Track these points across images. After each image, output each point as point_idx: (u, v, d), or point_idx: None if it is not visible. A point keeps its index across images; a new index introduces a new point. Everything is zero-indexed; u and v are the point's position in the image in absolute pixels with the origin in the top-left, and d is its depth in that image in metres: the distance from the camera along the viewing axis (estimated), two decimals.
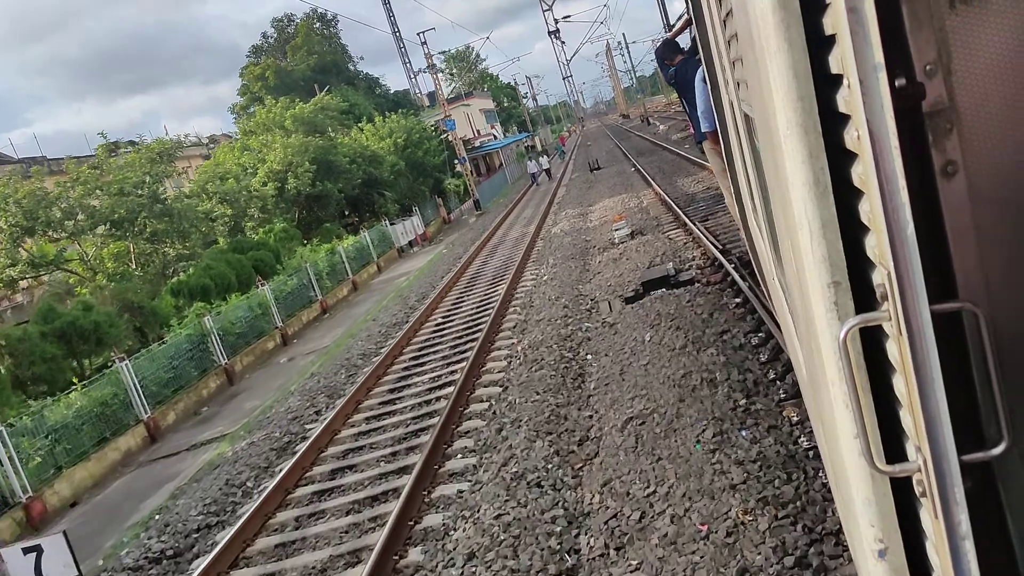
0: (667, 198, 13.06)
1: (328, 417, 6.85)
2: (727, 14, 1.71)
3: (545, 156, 32.46)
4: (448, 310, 10.24)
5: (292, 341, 12.89)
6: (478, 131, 58.59)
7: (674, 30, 6.90)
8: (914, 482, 0.96)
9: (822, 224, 0.97)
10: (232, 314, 11.56)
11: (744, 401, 4.31)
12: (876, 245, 0.90)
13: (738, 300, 6.15)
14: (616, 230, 11.12)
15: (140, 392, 9.02)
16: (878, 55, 0.83)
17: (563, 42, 30.99)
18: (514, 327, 7.97)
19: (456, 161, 26.72)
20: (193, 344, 10.44)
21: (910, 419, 0.93)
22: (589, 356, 6.37)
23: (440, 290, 11.53)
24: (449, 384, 6.81)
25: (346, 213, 22.88)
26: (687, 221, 10.11)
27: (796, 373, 2.38)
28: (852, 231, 0.97)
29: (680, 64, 6.61)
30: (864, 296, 0.98)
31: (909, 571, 1.04)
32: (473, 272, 12.91)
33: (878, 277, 0.92)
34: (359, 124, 26.77)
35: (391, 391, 7.32)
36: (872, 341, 1.00)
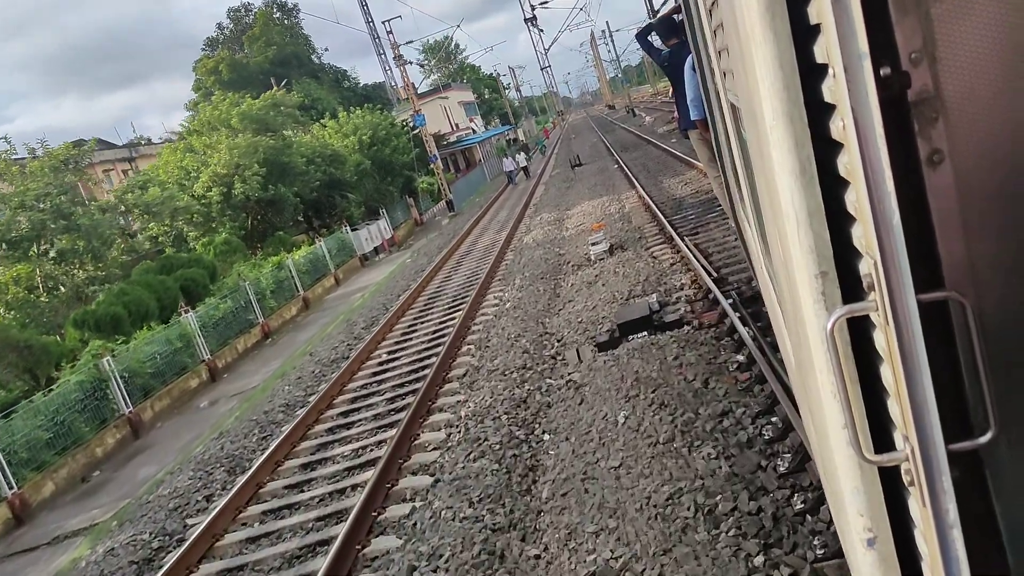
0: (652, 203, 12.29)
1: (218, 506, 5.90)
2: (712, 3, 1.75)
3: (523, 152, 30.43)
4: (394, 344, 9.48)
5: (222, 376, 11.83)
6: (456, 124, 56.38)
7: (667, 10, 6.57)
8: (902, 471, 1.00)
9: (808, 214, 0.99)
10: (142, 351, 10.38)
11: (760, 559, 3.21)
12: (863, 235, 0.93)
13: (740, 358, 5.12)
14: (593, 244, 10.19)
15: (1, 463, 7.71)
16: (863, 44, 0.86)
17: (541, 30, 29.00)
18: (463, 376, 7.25)
19: (429, 159, 24.74)
20: (87, 392, 9.21)
21: (897, 409, 0.96)
22: (546, 436, 5.39)
23: (392, 314, 10.86)
24: (370, 465, 5.98)
25: (306, 218, 20.97)
26: (674, 235, 9.31)
27: (784, 362, 2.50)
28: (839, 221, 1.00)
29: (675, 47, 6.41)
30: (851, 285, 1.00)
31: (898, 559, 1.07)
32: (433, 290, 12.32)
33: (865, 267, 0.95)
34: (321, 120, 24.73)
35: (304, 467, 6.51)
36: (859, 331, 1.02)
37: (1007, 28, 0.86)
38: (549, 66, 30.18)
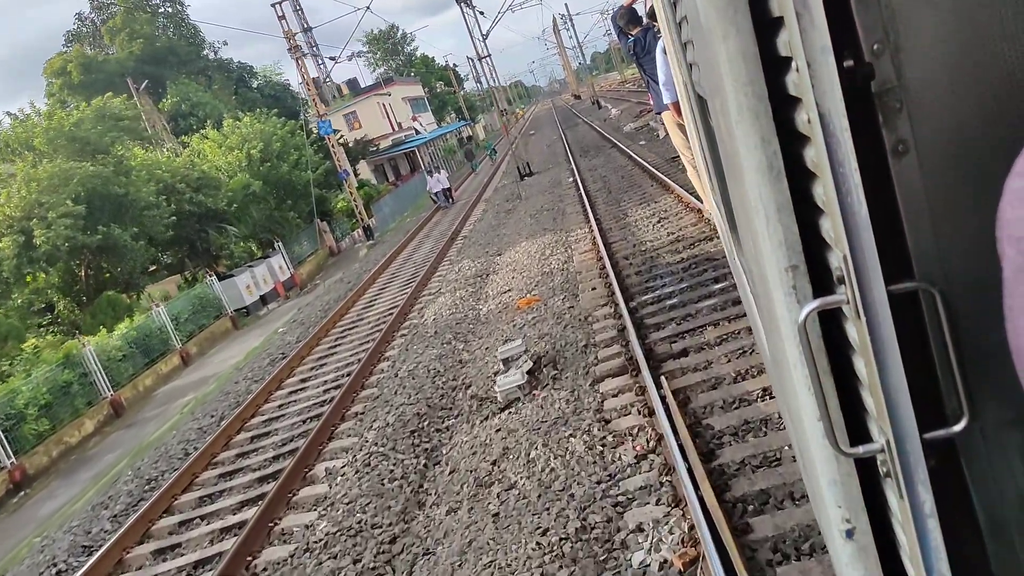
0: (609, 262, 9.01)
1: None
2: None
3: (443, 171, 25.93)
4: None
5: None
6: (399, 124, 51.06)
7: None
8: (878, 462, 1.07)
9: (777, 208, 1.05)
10: None
11: None
12: (831, 227, 1.00)
13: None
14: (506, 359, 6.57)
15: None
16: (825, 37, 0.91)
17: (481, 12, 24.45)
18: None
19: (338, 177, 20.12)
20: None
21: (872, 400, 1.03)
22: None
23: (180, 474, 7.51)
24: None
25: (178, 260, 16.08)
26: (639, 354, 5.70)
27: (760, 354, 2.70)
28: (808, 214, 1.07)
29: (640, 34, 6.78)
30: (823, 278, 1.07)
31: (877, 550, 1.14)
32: (263, 422, 8.82)
33: (835, 260, 1.02)
34: (202, 131, 19.76)
35: None
36: (832, 322, 1.10)
37: (967, 15, 0.92)
38: (488, 55, 25.19)
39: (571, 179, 19.54)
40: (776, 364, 1.41)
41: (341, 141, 33.75)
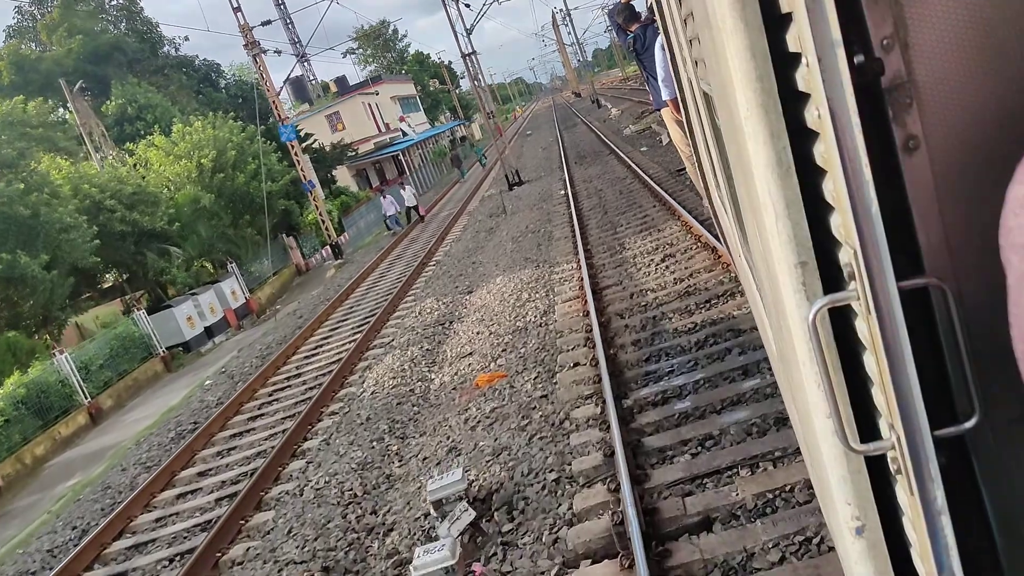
0: (596, 321, 7.33)
1: None
2: None
3: (409, 186, 23.78)
4: None
5: None
6: (386, 125, 48.96)
7: None
8: (888, 459, 1.08)
9: (786, 205, 1.07)
10: None
11: None
12: (841, 224, 1.02)
13: None
14: (437, 501, 4.73)
15: None
16: (835, 32, 0.93)
17: (467, 5, 22.45)
18: None
19: (303, 187, 18.04)
20: None
21: (882, 397, 1.05)
22: None
23: None
24: None
25: (117, 285, 14.11)
26: (630, 501, 4.17)
27: (766, 350, 2.67)
28: (818, 210, 1.09)
29: (639, 30, 6.70)
30: (832, 275, 1.10)
31: (887, 547, 1.15)
32: (124, 550, 6.93)
33: (845, 256, 1.05)
34: (150, 137, 17.65)
35: None
36: (842, 319, 1.12)
37: (977, 11, 0.95)
38: (473, 52, 23.07)
39: (563, 192, 18.35)
40: (785, 361, 1.45)
41: (317, 145, 31.66)
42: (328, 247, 22.64)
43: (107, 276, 18.50)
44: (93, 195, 16.50)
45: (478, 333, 9.07)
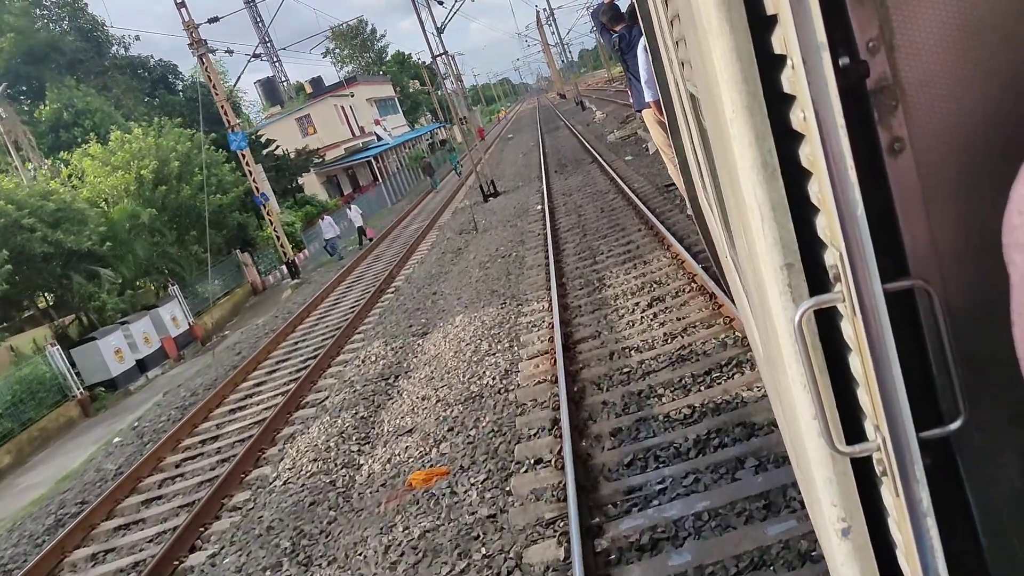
0: (565, 396, 6.00)
1: None
2: None
3: (355, 206, 22.24)
4: None
5: None
6: (361, 128, 47.29)
7: None
8: (874, 461, 1.10)
9: (772, 207, 1.08)
10: None
11: None
12: (827, 226, 1.04)
13: None
14: None
15: None
16: (820, 34, 0.94)
17: (440, 2, 20.80)
18: None
19: (255, 200, 16.41)
20: None
21: (868, 399, 1.06)
22: None
23: None
24: None
25: (42, 310, 12.66)
26: None
27: (753, 351, 2.78)
28: (804, 212, 1.12)
29: (624, 30, 6.68)
30: (818, 277, 1.12)
31: (873, 548, 1.16)
32: None
33: (830, 258, 1.06)
34: (85, 146, 16.01)
35: None
36: (828, 321, 1.14)
37: (963, 13, 0.97)
38: (444, 52, 21.53)
39: (540, 207, 17.32)
40: (771, 363, 1.46)
41: (280, 151, 29.97)
42: (284, 266, 20.97)
43: (38, 299, 16.86)
44: (9, 213, 14.81)
45: (424, 399, 7.55)
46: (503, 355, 8.37)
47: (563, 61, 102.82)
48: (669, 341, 6.88)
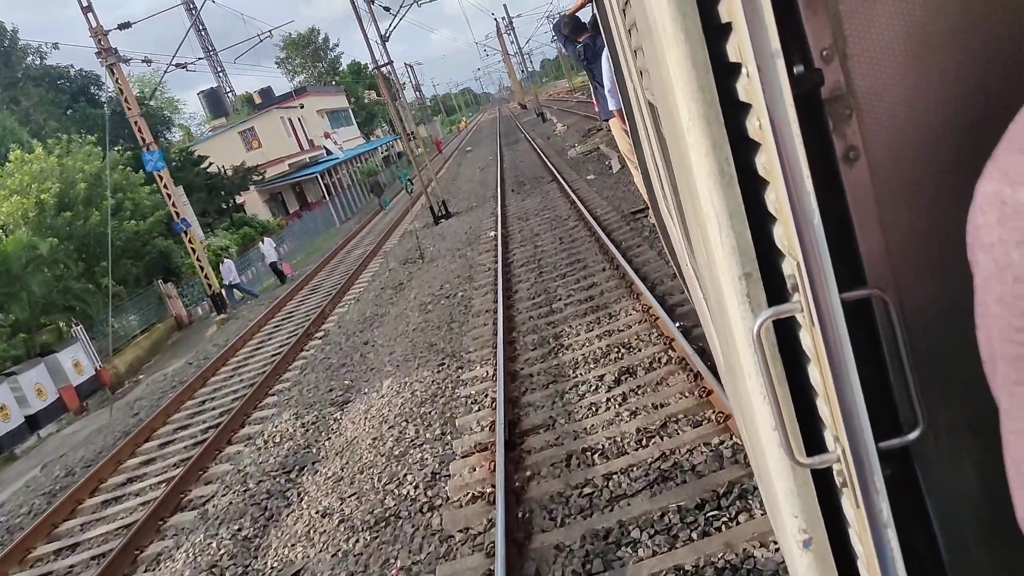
0: (504, 512, 4.66)
1: None
2: (626, 3, 1.88)
3: (268, 240, 20.47)
4: None
5: None
6: (311, 142, 45.29)
7: (573, 7, 7.04)
8: (834, 472, 1.11)
9: (730, 215, 1.08)
10: None
11: None
12: (784, 235, 1.05)
13: None
14: None
15: None
16: (774, 42, 0.94)
17: (386, 8, 19.12)
18: None
19: (174, 224, 14.43)
20: None
21: (827, 409, 1.06)
22: None
23: None
24: None
25: None
26: None
27: (715, 361, 2.65)
28: (762, 221, 1.13)
29: (587, 39, 6.76)
30: (778, 286, 1.13)
31: (835, 559, 1.16)
32: None
33: (788, 268, 1.07)
34: None
35: None
36: (788, 331, 1.15)
37: (916, 22, 0.98)
38: (390, 62, 19.88)
39: (493, 233, 16.06)
40: (731, 372, 1.48)
41: (215, 168, 27.94)
42: (209, 300, 19.01)
43: None
44: None
45: (325, 515, 5.96)
46: (432, 447, 6.83)
47: (523, 71, 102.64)
48: (644, 443, 5.44)
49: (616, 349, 7.04)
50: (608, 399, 6.13)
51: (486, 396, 7.19)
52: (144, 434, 10.82)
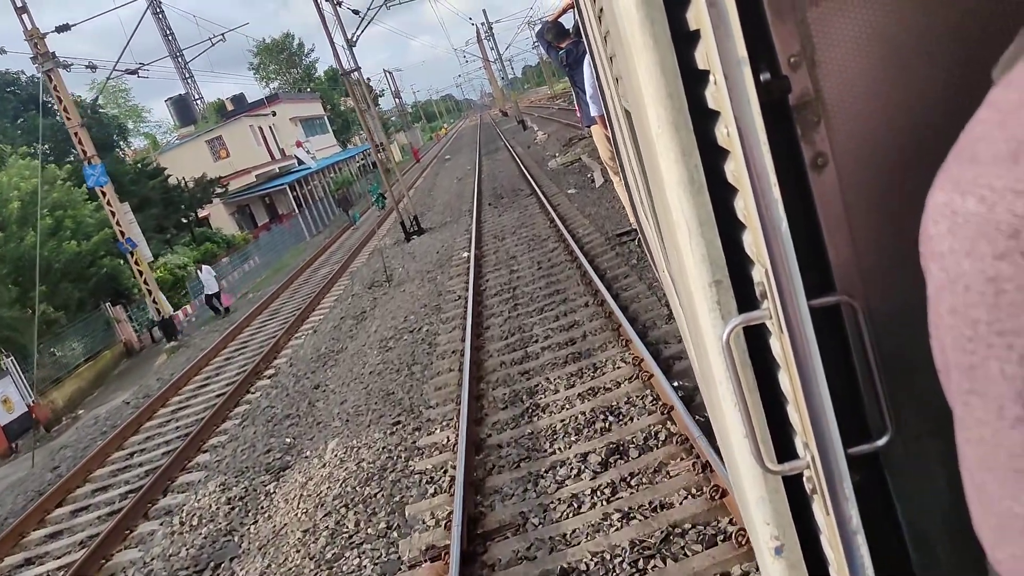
0: None
1: None
2: (600, 10, 1.93)
3: (207, 267, 19.01)
4: None
5: None
6: (283, 151, 43.82)
7: (556, 12, 7.28)
8: (804, 479, 1.13)
9: (699, 223, 1.11)
10: None
11: None
12: (752, 242, 1.08)
13: None
14: None
15: None
16: (741, 49, 0.96)
17: (355, 11, 17.95)
18: None
19: (118, 244, 12.95)
20: None
21: (796, 416, 1.09)
22: None
23: None
24: None
25: None
26: None
27: (692, 367, 2.68)
28: (732, 228, 1.17)
29: (570, 46, 6.83)
30: (749, 293, 1.16)
31: (806, 566, 1.18)
32: None
33: (757, 275, 1.10)
34: None
35: None
36: (758, 338, 1.19)
37: (882, 30, 1.00)
38: (358, 68, 18.70)
39: (466, 254, 15.02)
40: (705, 380, 1.48)
41: (175, 180, 26.55)
42: (158, 326, 17.58)
43: None
44: None
45: None
46: (372, 548, 5.64)
47: (504, 78, 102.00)
48: (642, 566, 4.23)
49: (602, 415, 5.88)
50: (593, 491, 4.92)
51: (444, 473, 5.99)
52: (58, 496, 9.59)
